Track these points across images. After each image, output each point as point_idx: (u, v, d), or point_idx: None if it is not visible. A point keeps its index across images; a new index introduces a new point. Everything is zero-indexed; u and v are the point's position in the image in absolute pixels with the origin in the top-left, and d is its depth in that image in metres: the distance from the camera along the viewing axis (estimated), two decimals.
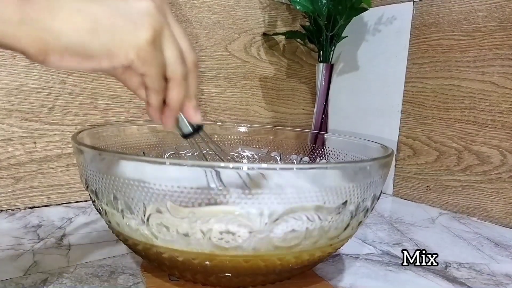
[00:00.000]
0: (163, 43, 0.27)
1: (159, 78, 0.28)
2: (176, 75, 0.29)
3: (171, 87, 0.29)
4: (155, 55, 0.27)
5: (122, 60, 0.26)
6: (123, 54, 0.25)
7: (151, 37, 0.26)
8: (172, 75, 0.29)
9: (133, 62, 0.26)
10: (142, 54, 0.26)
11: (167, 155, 0.54)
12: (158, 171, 0.29)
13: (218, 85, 0.74)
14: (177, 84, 0.29)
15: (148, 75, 0.27)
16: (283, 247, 0.30)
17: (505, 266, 0.47)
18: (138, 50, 0.26)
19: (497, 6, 0.61)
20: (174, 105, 0.30)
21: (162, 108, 0.31)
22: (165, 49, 0.28)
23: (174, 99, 0.30)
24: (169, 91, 0.30)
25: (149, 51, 0.26)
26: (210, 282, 0.34)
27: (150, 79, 0.28)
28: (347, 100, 0.85)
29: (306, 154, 0.55)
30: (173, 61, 0.28)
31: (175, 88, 0.29)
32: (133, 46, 0.25)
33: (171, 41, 0.28)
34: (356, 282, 0.41)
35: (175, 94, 0.30)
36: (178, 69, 0.29)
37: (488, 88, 0.63)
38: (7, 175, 0.56)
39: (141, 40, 0.26)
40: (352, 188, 0.31)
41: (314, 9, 0.68)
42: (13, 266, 0.40)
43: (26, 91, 0.56)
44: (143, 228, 0.31)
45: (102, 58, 0.25)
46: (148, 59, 0.26)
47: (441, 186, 0.69)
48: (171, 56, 0.28)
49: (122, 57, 0.25)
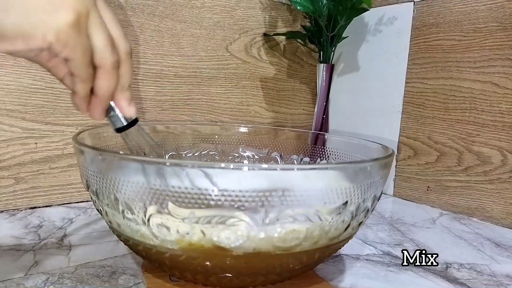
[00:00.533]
0: (89, 27, 0.26)
1: (84, 64, 0.27)
2: (105, 62, 0.27)
3: (99, 75, 0.28)
4: (78, 39, 0.25)
5: (39, 42, 0.24)
6: (39, 36, 0.24)
7: (73, 19, 0.24)
8: (100, 63, 0.27)
9: (52, 44, 0.24)
10: (62, 37, 0.24)
11: (167, 156, 0.54)
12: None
13: (218, 86, 0.74)
14: (106, 72, 0.28)
15: (71, 59, 0.26)
16: (284, 247, 0.30)
17: (505, 266, 0.47)
18: (57, 32, 0.24)
19: (497, 6, 0.61)
20: (102, 95, 0.29)
21: (90, 99, 0.29)
22: (92, 34, 0.26)
23: (102, 88, 0.28)
24: (97, 79, 0.28)
25: (70, 34, 0.25)
26: (211, 282, 0.34)
27: (74, 65, 0.26)
28: (347, 100, 0.85)
29: (306, 154, 0.55)
30: (101, 47, 0.27)
31: (104, 76, 0.28)
32: (51, 27, 0.24)
33: (98, 26, 0.26)
34: (356, 282, 0.41)
35: (103, 83, 0.28)
36: (106, 56, 0.27)
37: (489, 89, 0.63)
38: (8, 175, 0.56)
39: (60, 22, 0.24)
40: (352, 188, 0.31)
41: (314, 10, 0.68)
42: (14, 266, 0.40)
43: (27, 92, 0.56)
44: (143, 228, 0.31)
45: (16, 39, 0.24)
46: (70, 42, 0.25)
47: (441, 186, 0.69)
48: (99, 42, 0.27)
49: (38, 39, 0.24)
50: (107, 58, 0.27)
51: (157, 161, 0.30)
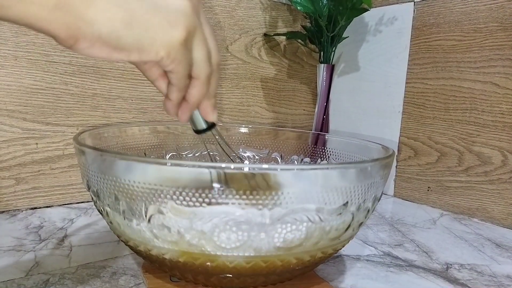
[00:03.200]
0: (193, 43, 0.27)
1: (185, 76, 0.28)
2: (202, 75, 0.29)
3: (194, 85, 0.30)
4: (185, 54, 0.27)
5: (152, 56, 0.26)
6: (154, 51, 0.25)
7: (184, 37, 0.26)
8: (197, 75, 0.29)
9: (163, 59, 0.26)
10: (172, 53, 0.26)
11: (168, 156, 0.54)
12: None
13: (219, 86, 0.74)
14: (201, 83, 0.30)
15: (175, 73, 0.28)
16: (284, 248, 0.30)
17: (506, 267, 0.47)
18: (169, 49, 0.26)
19: (498, 6, 0.61)
20: (194, 103, 0.31)
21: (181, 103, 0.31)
22: (195, 49, 0.28)
23: (195, 97, 0.30)
24: (191, 89, 0.30)
25: (180, 51, 0.26)
26: (212, 283, 0.34)
27: (176, 77, 0.28)
28: (348, 100, 0.85)
29: (307, 155, 0.55)
30: (201, 61, 0.28)
31: (198, 87, 0.30)
32: (165, 44, 0.25)
33: (201, 42, 0.28)
34: (357, 283, 0.41)
35: (197, 93, 0.30)
36: (204, 70, 0.29)
37: (489, 89, 0.63)
38: (8, 176, 0.56)
39: (174, 39, 0.26)
40: (353, 189, 0.31)
41: (315, 10, 0.68)
42: (14, 267, 0.40)
43: (27, 92, 0.56)
44: (144, 229, 0.31)
45: (132, 51, 0.25)
46: (178, 58, 0.26)
47: (442, 187, 0.69)
48: (199, 57, 0.28)
49: (152, 53, 0.25)
50: (204, 71, 0.29)
51: (157, 161, 0.30)
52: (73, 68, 0.59)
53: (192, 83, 0.30)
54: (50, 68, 0.58)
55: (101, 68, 0.62)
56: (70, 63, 0.59)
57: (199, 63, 0.28)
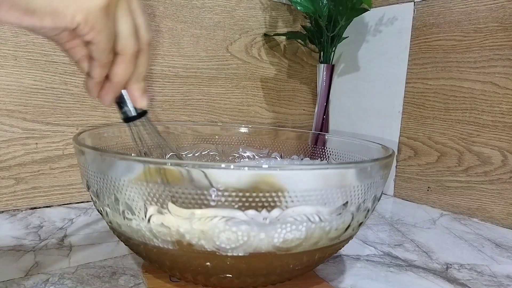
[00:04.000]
0: (117, 13, 0.26)
1: (107, 49, 0.26)
2: (126, 50, 0.27)
3: (118, 61, 0.27)
4: (105, 23, 0.25)
5: (67, 22, 0.24)
6: (69, 15, 0.23)
7: (104, 2, 0.24)
8: (122, 50, 0.27)
9: (80, 26, 0.24)
10: (91, 19, 0.24)
11: (167, 156, 0.54)
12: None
13: (219, 86, 0.74)
14: (125, 60, 0.27)
15: (95, 43, 0.25)
16: (284, 248, 0.30)
17: (506, 267, 0.47)
18: (87, 14, 0.24)
19: (498, 6, 0.61)
20: (117, 82, 0.28)
21: (103, 84, 0.29)
22: (119, 20, 0.26)
23: (119, 75, 0.28)
24: (115, 65, 0.28)
25: (99, 17, 0.24)
26: (211, 283, 0.34)
27: (96, 49, 0.26)
28: (348, 100, 0.85)
29: (307, 154, 0.55)
30: (126, 34, 0.26)
31: (123, 63, 0.27)
32: (82, 8, 0.24)
33: (126, 13, 0.26)
34: (357, 283, 0.41)
35: (121, 70, 0.28)
36: (129, 44, 0.27)
37: (489, 89, 0.63)
38: (8, 176, 0.56)
39: (92, 4, 0.24)
40: (353, 189, 0.31)
41: (315, 10, 0.68)
42: (14, 266, 0.40)
43: (27, 92, 0.56)
44: (144, 229, 0.31)
45: (45, 15, 0.23)
46: (97, 25, 0.24)
47: (442, 187, 0.69)
48: (124, 29, 0.26)
49: (67, 18, 0.23)
50: (129, 46, 0.27)
51: (157, 162, 0.30)
52: (73, 68, 0.59)
53: (116, 59, 0.27)
54: (50, 68, 0.58)
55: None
56: (70, 63, 0.59)
57: (124, 36, 0.26)
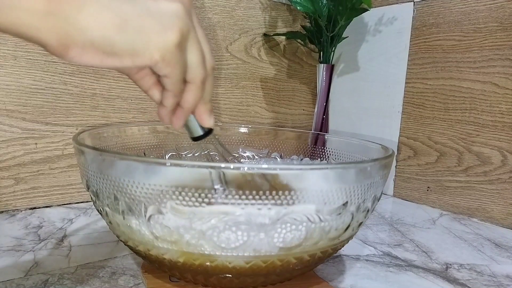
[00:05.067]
0: (187, 46, 0.27)
1: (180, 81, 0.28)
2: (197, 79, 0.29)
3: (189, 90, 0.29)
4: (180, 58, 0.26)
5: (146, 61, 0.25)
6: (148, 55, 0.25)
7: (178, 39, 0.25)
8: (192, 79, 0.28)
9: (157, 63, 0.25)
10: (167, 56, 0.25)
11: (167, 156, 0.54)
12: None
13: (218, 86, 0.74)
14: (196, 88, 0.29)
15: (170, 77, 0.27)
16: (284, 248, 0.30)
17: (506, 267, 0.47)
18: (164, 52, 0.25)
19: (497, 6, 0.61)
20: (189, 108, 0.30)
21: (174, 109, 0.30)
22: (189, 52, 0.27)
23: (190, 101, 0.29)
24: (186, 93, 0.29)
25: (174, 54, 0.26)
26: (211, 283, 0.34)
27: (171, 82, 0.27)
28: (347, 100, 0.85)
29: (306, 155, 0.55)
30: (196, 65, 0.28)
31: (193, 91, 0.29)
32: (159, 47, 0.25)
33: (195, 45, 0.27)
34: (356, 283, 0.41)
35: (192, 98, 0.29)
36: (199, 73, 0.28)
37: (489, 89, 0.63)
38: (8, 176, 0.56)
39: (168, 42, 0.25)
40: (352, 189, 0.31)
41: (314, 10, 0.68)
42: (14, 267, 0.40)
43: (27, 92, 0.56)
44: (144, 228, 0.31)
45: (125, 56, 0.24)
46: (173, 61, 0.26)
47: (441, 187, 0.69)
48: (194, 60, 0.28)
49: (146, 58, 0.25)
50: (199, 75, 0.28)
51: (157, 162, 0.30)
52: (73, 68, 0.59)
53: (186, 87, 0.29)
54: (49, 68, 0.58)
55: (101, 68, 0.62)
56: (69, 63, 0.59)
57: (194, 67, 0.28)
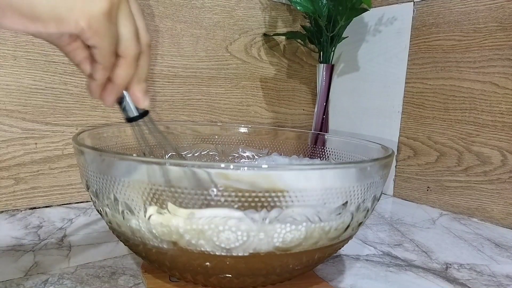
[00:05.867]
0: (119, 17, 0.26)
1: (110, 53, 0.27)
2: (128, 52, 0.28)
3: (120, 64, 0.28)
4: (108, 27, 0.25)
5: (71, 27, 0.24)
6: (73, 21, 0.24)
7: (107, 7, 0.24)
8: (124, 52, 0.28)
9: (83, 31, 0.24)
10: (94, 24, 0.24)
11: (167, 156, 0.54)
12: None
13: (218, 86, 0.74)
14: (127, 62, 0.28)
15: (98, 47, 0.26)
16: (284, 247, 0.30)
17: (505, 267, 0.47)
18: (90, 19, 0.24)
19: (497, 6, 0.61)
20: (119, 83, 0.29)
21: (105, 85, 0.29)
22: (120, 24, 0.26)
23: (121, 77, 0.29)
24: (117, 68, 0.28)
25: (102, 22, 0.25)
26: (211, 283, 0.34)
27: (100, 53, 0.26)
28: (347, 100, 0.85)
29: (306, 154, 0.55)
30: (128, 38, 0.27)
31: (124, 66, 0.28)
32: (85, 14, 0.24)
33: (127, 17, 0.27)
34: (356, 283, 0.41)
35: (123, 72, 0.28)
36: (131, 47, 0.28)
37: (489, 89, 0.63)
38: (7, 176, 0.56)
39: (95, 9, 0.24)
40: (352, 188, 0.31)
41: (314, 10, 0.68)
42: (13, 267, 0.40)
43: (27, 92, 0.56)
44: (143, 229, 0.31)
45: (49, 21, 0.23)
46: (101, 30, 0.25)
47: (441, 186, 0.69)
48: (126, 33, 0.27)
49: (71, 24, 0.24)
50: (131, 49, 0.28)
51: (157, 161, 0.30)
52: (73, 67, 0.59)
53: (118, 62, 0.28)
54: (49, 68, 0.58)
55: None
56: (69, 62, 0.59)
57: (126, 40, 0.27)
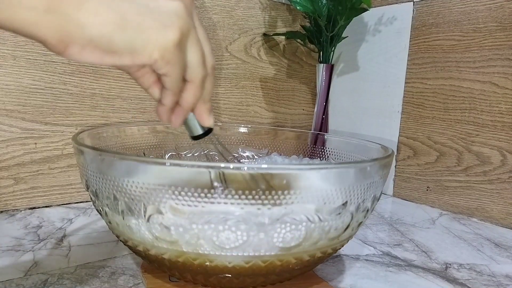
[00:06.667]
0: (188, 45, 0.27)
1: (180, 80, 0.28)
2: (196, 78, 0.29)
3: (188, 89, 0.29)
4: (179, 56, 0.26)
5: (145, 59, 0.25)
6: (147, 53, 0.25)
7: (178, 38, 0.25)
8: (192, 78, 0.28)
9: (157, 62, 0.25)
10: (166, 55, 0.25)
11: (167, 156, 0.54)
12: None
13: (218, 86, 0.74)
14: (195, 87, 0.29)
15: (169, 76, 0.27)
16: (283, 247, 0.30)
17: (505, 267, 0.47)
18: (163, 51, 0.25)
19: (497, 6, 0.61)
20: (188, 107, 0.30)
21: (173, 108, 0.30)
22: (189, 51, 0.27)
23: (189, 100, 0.29)
24: (185, 92, 0.29)
25: (174, 53, 0.26)
26: (211, 283, 0.34)
27: (170, 80, 0.27)
28: (347, 100, 0.85)
29: (306, 154, 0.55)
30: (195, 64, 0.28)
31: (193, 90, 0.29)
32: (158, 46, 0.25)
33: (195, 44, 0.27)
34: (356, 283, 0.41)
35: (191, 96, 0.29)
36: (199, 73, 0.28)
37: (488, 89, 0.63)
38: (7, 175, 0.56)
39: (168, 41, 0.25)
40: (352, 188, 0.31)
41: (314, 10, 0.68)
42: (13, 267, 0.40)
43: (26, 92, 0.56)
44: (143, 228, 0.31)
45: (124, 54, 0.24)
46: (172, 60, 0.26)
47: (441, 186, 0.69)
48: (194, 59, 0.28)
49: (145, 56, 0.25)
50: (199, 74, 0.29)
51: (156, 161, 0.30)
52: (72, 67, 0.59)
53: (186, 86, 0.29)
54: (49, 67, 0.58)
55: (100, 68, 0.62)
56: (69, 62, 0.59)
57: (194, 66, 0.28)
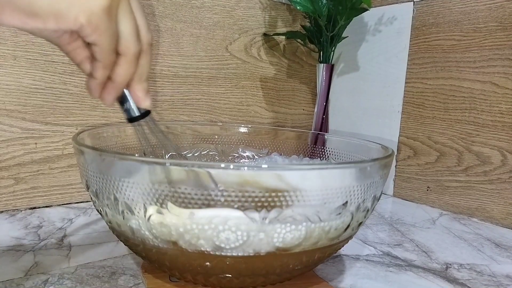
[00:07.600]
0: (119, 14, 0.26)
1: (110, 50, 0.26)
2: (128, 50, 0.27)
3: (120, 62, 0.28)
4: (108, 24, 0.25)
5: (71, 23, 0.24)
6: (72, 17, 0.23)
7: (107, 4, 0.24)
8: (124, 50, 0.27)
9: (83, 27, 0.24)
10: (94, 20, 0.24)
11: (167, 156, 0.54)
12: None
13: (218, 86, 0.74)
14: (127, 61, 0.28)
15: (98, 44, 0.26)
16: (283, 247, 0.30)
17: (505, 267, 0.47)
18: (90, 15, 0.24)
19: (497, 6, 0.61)
20: (119, 82, 0.29)
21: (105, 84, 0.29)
22: (120, 21, 0.26)
23: (121, 75, 0.28)
24: (117, 66, 0.28)
25: (102, 19, 0.24)
26: (211, 283, 0.34)
27: (100, 50, 0.26)
28: (347, 100, 0.85)
29: (306, 154, 0.55)
30: (128, 35, 0.27)
31: (125, 64, 0.28)
32: (85, 9, 0.24)
33: (128, 14, 0.26)
34: (356, 283, 0.41)
35: (123, 71, 0.28)
36: (131, 45, 0.27)
37: (489, 89, 0.63)
38: (7, 175, 0.56)
39: (95, 5, 0.24)
40: (352, 188, 0.31)
41: (314, 10, 0.68)
42: (13, 267, 0.40)
43: (26, 92, 0.56)
44: (143, 229, 0.31)
45: (48, 18, 0.23)
46: (101, 27, 0.24)
47: (441, 186, 0.69)
48: (126, 30, 0.26)
49: (70, 20, 0.23)
50: (131, 47, 0.27)
51: (156, 161, 0.30)
52: (72, 67, 0.59)
53: (118, 60, 0.27)
54: (49, 67, 0.58)
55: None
56: (69, 62, 0.59)
57: (126, 37, 0.27)
